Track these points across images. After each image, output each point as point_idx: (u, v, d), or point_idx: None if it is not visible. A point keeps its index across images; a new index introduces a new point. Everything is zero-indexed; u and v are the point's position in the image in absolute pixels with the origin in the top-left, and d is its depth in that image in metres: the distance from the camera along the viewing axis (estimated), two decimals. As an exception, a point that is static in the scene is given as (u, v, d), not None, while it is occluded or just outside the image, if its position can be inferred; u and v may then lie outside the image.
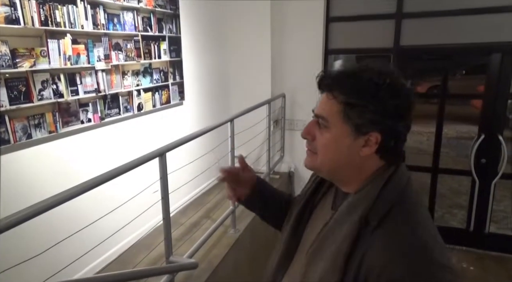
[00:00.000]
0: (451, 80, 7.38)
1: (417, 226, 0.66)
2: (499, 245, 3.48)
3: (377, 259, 0.63)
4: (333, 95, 0.71)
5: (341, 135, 0.71)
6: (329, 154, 0.73)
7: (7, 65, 1.71)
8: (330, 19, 3.67)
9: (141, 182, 2.11)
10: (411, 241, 0.64)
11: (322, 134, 0.73)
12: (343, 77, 0.72)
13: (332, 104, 0.71)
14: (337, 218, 0.73)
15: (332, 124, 0.72)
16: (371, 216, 0.67)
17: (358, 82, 0.70)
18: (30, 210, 1.16)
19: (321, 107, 0.74)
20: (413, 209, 0.69)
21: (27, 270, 1.34)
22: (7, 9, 1.68)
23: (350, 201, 0.72)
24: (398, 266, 0.61)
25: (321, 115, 0.73)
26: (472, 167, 3.40)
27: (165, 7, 2.82)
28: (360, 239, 0.66)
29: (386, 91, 0.68)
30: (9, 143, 1.74)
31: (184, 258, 2.02)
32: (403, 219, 0.67)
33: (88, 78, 2.18)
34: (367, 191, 0.70)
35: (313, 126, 0.75)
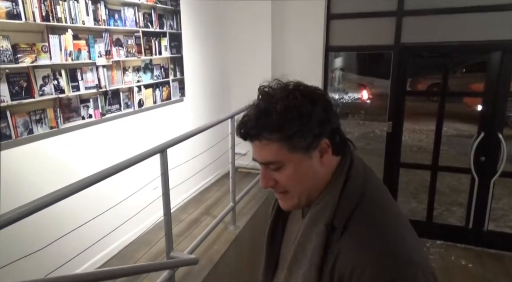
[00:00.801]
0: (451, 78, 7.43)
1: (382, 225, 0.66)
2: (498, 243, 3.50)
3: (346, 263, 0.64)
4: (265, 139, 0.70)
5: (298, 164, 0.71)
6: (298, 185, 0.73)
7: (9, 60, 1.71)
8: (331, 16, 3.66)
9: (141, 178, 2.11)
10: (376, 241, 0.64)
11: (282, 174, 0.72)
12: (262, 120, 0.69)
13: (271, 147, 0.70)
14: (304, 230, 0.73)
15: (283, 161, 0.71)
16: (336, 221, 0.67)
17: (277, 117, 0.68)
18: (31, 205, 1.17)
19: (263, 155, 0.72)
20: (376, 206, 0.70)
21: (30, 264, 1.35)
22: (8, 4, 1.68)
23: (313, 212, 0.72)
24: (366, 267, 0.61)
25: (269, 161, 0.71)
26: (472, 164, 3.41)
27: (166, 3, 2.81)
28: (330, 245, 0.67)
29: (305, 107, 0.68)
30: (10, 138, 1.74)
31: (184, 254, 2.03)
32: (367, 219, 0.67)
33: (89, 74, 2.18)
34: (328, 198, 0.71)
35: (268, 173, 0.73)
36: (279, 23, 3.74)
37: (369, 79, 11.33)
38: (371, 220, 0.67)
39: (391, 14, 3.43)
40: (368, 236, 0.65)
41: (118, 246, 2.45)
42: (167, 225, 1.90)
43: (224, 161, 2.99)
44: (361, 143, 6.66)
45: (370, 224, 0.66)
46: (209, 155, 2.95)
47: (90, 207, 1.87)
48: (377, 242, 0.63)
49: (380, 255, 0.62)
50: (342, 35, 3.73)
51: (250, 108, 0.73)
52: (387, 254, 0.62)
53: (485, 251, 3.48)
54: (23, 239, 1.72)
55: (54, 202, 1.24)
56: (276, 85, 0.73)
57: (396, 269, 0.61)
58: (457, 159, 5.58)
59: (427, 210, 3.75)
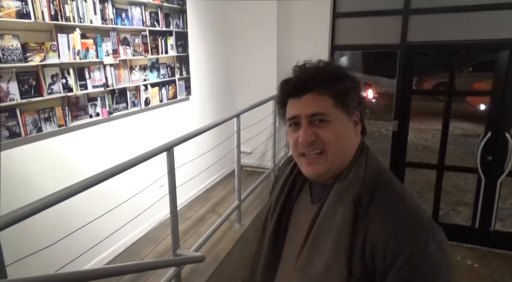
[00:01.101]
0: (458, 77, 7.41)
1: (403, 196, 0.73)
2: (504, 243, 3.47)
3: (378, 233, 0.68)
4: (320, 92, 0.74)
5: (343, 124, 0.75)
6: (337, 144, 0.75)
7: (18, 59, 1.73)
8: (337, 14, 3.65)
9: (148, 176, 2.13)
10: (403, 210, 0.70)
11: (325, 129, 0.74)
12: (319, 74, 0.75)
13: (323, 100, 0.74)
14: (329, 206, 0.75)
15: (331, 116, 0.74)
16: (362, 195, 0.71)
17: (336, 73, 0.76)
18: (41, 202, 1.19)
19: (313, 107, 0.74)
20: (392, 182, 0.76)
21: (39, 260, 1.37)
22: (18, 4, 1.70)
23: (340, 187, 0.75)
24: (399, 235, 0.66)
25: (319, 112, 0.74)
26: (478, 164, 3.38)
27: (172, 2, 2.83)
28: (358, 218, 0.70)
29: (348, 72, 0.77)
30: (20, 136, 1.77)
31: (191, 252, 2.05)
32: (390, 192, 0.73)
33: (97, 72, 2.20)
34: (354, 174, 0.74)
35: (311, 128, 0.75)
36: (285, 22, 3.74)
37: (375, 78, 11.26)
38: (392, 194, 0.73)
39: (397, 13, 3.41)
40: (394, 207, 0.70)
41: (125, 243, 2.47)
42: (174, 223, 1.91)
43: (230, 160, 3.00)
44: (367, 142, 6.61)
45: (392, 197, 0.72)
46: (214, 154, 2.96)
47: (97, 204, 1.89)
48: (403, 212, 0.70)
49: (409, 223, 0.68)
50: (347, 34, 3.71)
51: (297, 72, 0.79)
52: (414, 221, 0.68)
53: (492, 251, 3.45)
54: (32, 235, 1.74)
55: (63, 199, 1.26)
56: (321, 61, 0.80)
57: (425, 233, 0.67)
58: (463, 158, 5.55)
59: (433, 210, 3.73)
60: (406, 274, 0.65)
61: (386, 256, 0.66)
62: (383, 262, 0.66)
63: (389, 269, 0.66)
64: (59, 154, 2.03)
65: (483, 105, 7.34)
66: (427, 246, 0.65)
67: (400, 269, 0.65)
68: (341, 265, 0.68)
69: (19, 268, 1.22)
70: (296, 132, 0.76)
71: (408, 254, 0.65)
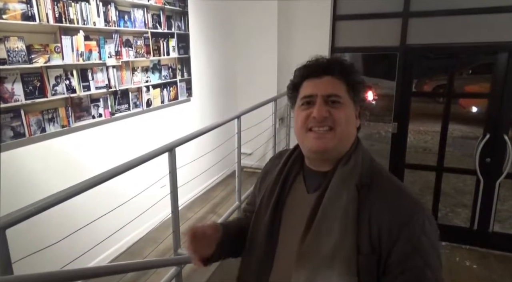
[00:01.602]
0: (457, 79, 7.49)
1: (395, 180, 0.82)
2: (503, 244, 3.49)
3: (382, 213, 0.75)
4: (338, 77, 0.83)
5: (350, 110, 0.83)
6: (347, 125, 0.82)
7: (23, 60, 1.76)
8: (337, 17, 3.68)
9: (149, 176, 2.15)
10: (400, 192, 0.79)
11: (339, 111, 0.81)
12: (338, 62, 0.85)
13: (340, 84, 0.82)
14: (332, 190, 0.79)
15: (344, 100, 0.82)
16: (363, 179, 0.79)
17: (350, 66, 0.85)
18: (45, 201, 1.21)
19: (330, 88, 0.82)
20: (384, 171, 0.84)
21: (42, 258, 1.39)
22: (23, 6, 1.73)
23: (341, 173, 0.81)
24: (401, 214, 0.74)
25: (335, 93, 0.82)
26: (477, 166, 3.40)
27: (174, 5, 2.86)
28: (361, 200, 0.77)
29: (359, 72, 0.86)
30: (24, 136, 1.80)
31: (191, 251, 2.06)
32: (384, 177, 0.81)
33: (100, 74, 2.23)
34: (353, 161, 0.81)
35: (325, 106, 0.81)
36: (285, 24, 3.77)
37: (375, 80, 11.29)
38: (387, 178, 0.81)
39: (397, 15, 3.44)
40: (392, 189, 0.79)
41: (126, 243, 2.49)
42: (175, 222, 1.94)
43: (230, 161, 3.02)
44: (366, 143, 6.61)
45: (387, 181, 0.81)
46: (215, 155, 2.99)
47: (100, 204, 1.91)
48: (400, 193, 0.78)
49: (407, 203, 0.76)
50: (347, 36, 3.74)
51: (313, 60, 0.89)
52: (411, 201, 0.77)
53: (490, 253, 3.47)
54: (36, 234, 1.77)
55: (67, 198, 1.28)
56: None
57: (421, 211, 0.75)
58: (462, 160, 5.57)
59: (432, 211, 3.75)
60: (409, 248, 0.72)
61: (391, 233, 0.73)
62: (388, 238, 0.73)
63: (394, 245, 0.73)
64: (62, 154, 2.06)
65: (475, 108, 7.55)
66: (424, 222, 0.74)
67: (404, 244, 0.72)
68: (350, 243, 0.73)
69: (24, 265, 1.24)
70: (308, 110, 0.83)
71: (410, 231, 0.72)
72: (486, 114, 3.46)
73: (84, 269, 1.28)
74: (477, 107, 7.67)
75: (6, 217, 1.07)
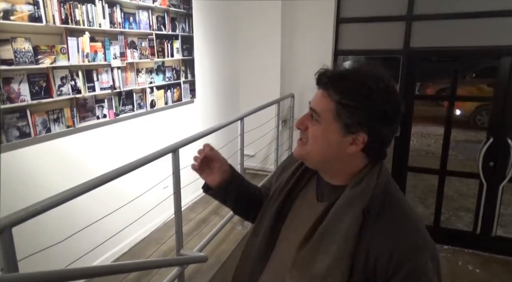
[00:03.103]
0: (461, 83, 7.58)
1: (409, 214, 0.75)
2: (506, 249, 3.47)
3: (383, 246, 0.70)
4: (328, 93, 0.75)
5: (330, 131, 0.76)
6: (317, 145, 0.78)
7: (30, 61, 1.78)
8: (340, 20, 3.69)
9: (153, 177, 2.17)
10: (408, 227, 0.73)
11: (313, 126, 0.78)
12: (339, 78, 0.76)
13: (326, 102, 0.76)
14: (338, 210, 0.76)
15: (323, 119, 0.76)
16: (372, 206, 0.73)
17: (352, 84, 0.74)
18: (51, 200, 1.22)
19: (316, 102, 0.78)
20: (399, 198, 0.77)
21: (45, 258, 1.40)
22: (30, 8, 1.75)
23: (350, 194, 0.76)
24: (403, 251, 0.70)
25: (315, 109, 0.78)
26: (480, 170, 3.39)
27: (179, 7, 2.88)
28: (364, 228, 0.72)
29: (377, 96, 0.72)
30: (30, 136, 1.82)
31: (194, 252, 2.07)
32: (397, 208, 0.75)
33: (104, 75, 2.25)
34: (365, 184, 0.75)
35: (307, 118, 0.80)
36: (289, 27, 3.79)
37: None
38: (399, 210, 0.75)
39: (401, 19, 3.45)
40: (400, 223, 0.73)
41: (129, 243, 2.50)
42: (178, 223, 1.95)
43: (233, 162, 3.01)
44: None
45: (399, 213, 0.74)
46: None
47: (103, 204, 1.92)
48: (408, 229, 0.72)
49: (412, 240, 0.71)
50: (351, 39, 3.75)
51: (344, 65, 0.81)
52: (418, 239, 0.71)
53: (493, 257, 3.46)
54: (41, 233, 1.78)
55: (72, 197, 1.29)
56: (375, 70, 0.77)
57: (426, 251, 0.70)
58: (465, 164, 5.55)
59: (435, 215, 3.74)
60: None
61: (388, 269, 0.69)
62: (385, 274, 0.70)
63: (389, 280, 0.70)
64: (67, 154, 2.07)
65: (459, 111, 7.75)
66: (427, 263, 0.69)
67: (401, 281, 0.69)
68: (343, 269, 0.71)
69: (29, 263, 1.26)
70: None
71: (409, 270, 0.69)
72: (489, 118, 3.45)
73: (87, 268, 1.29)
74: (460, 110, 7.90)
75: (13, 215, 1.08)
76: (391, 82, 0.76)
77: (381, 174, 0.77)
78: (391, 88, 0.75)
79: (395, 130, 0.77)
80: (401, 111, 0.77)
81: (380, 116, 0.73)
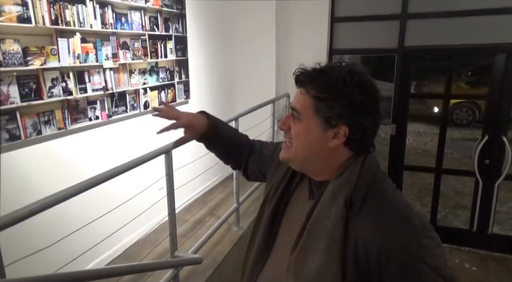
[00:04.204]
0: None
1: (395, 200, 0.74)
2: (502, 246, 3.48)
3: (370, 237, 0.69)
4: (306, 90, 0.77)
5: (311, 127, 0.77)
6: (300, 143, 0.79)
7: (19, 63, 1.75)
8: (335, 19, 3.69)
9: (147, 179, 2.15)
10: (394, 214, 0.71)
11: (295, 125, 0.79)
12: (315, 74, 0.77)
13: (305, 99, 0.77)
14: (323, 205, 0.76)
15: (304, 116, 0.77)
16: (354, 197, 0.72)
17: (328, 79, 0.75)
18: (39, 204, 1.20)
19: (296, 101, 0.80)
20: (386, 187, 0.76)
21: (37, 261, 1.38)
22: (19, 9, 1.73)
23: (332, 187, 0.76)
24: (392, 239, 0.68)
25: (295, 107, 0.79)
26: (476, 167, 3.40)
27: (172, 7, 2.86)
28: (349, 220, 0.71)
29: (353, 88, 0.73)
30: (20, 139, 1.79)
31: (189, 253, 2.06)
32: (382, 196, 0.74)
33: (96, 76, 2.22)
34: (347, 175, 0.75)
35: (289, 119, 0.81)
36: (284, 26, 3.78)
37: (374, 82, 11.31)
38: (384, 197, 0.74)
39: (395, 17, 3.45)
40: (385, 211, 0.71)
41: (123, 246, 2.48)
42: (172, 225, 1.93)
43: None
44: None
45: (383, 200, 0.73)
46: (213, 156, 2.96)
47: (97, 207, 1.90)
48: (395, 216, 0.71)
49: (401, 227, 0.69)
50: (346, 38, 3.75)
51: (317, 65, 0.81)
52: (406, 225, 0.69)
53: (490, 254, 3.47)
54: (32, 237, 1.75)
55: (61, 201, 1.27)
56: (351, 66, 0.78)
57: (418, 236, 0.69)
58: (461, 162, 5.57)
59: (431, 213, 3.74)
60: (402, 277, 0.67)
61: (380, 261, 0.68)
62: (378, 266, 0.68)
63: (384, 274, 0.68)
64: (59, 156, 2.05)
65: (436, 108, 7.95)
66: (421, 248, 0.67)
67: (396, 273, 0.67)
68: (335, 267, 0.69)
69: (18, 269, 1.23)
70: None
71: (402, 259, 0.67)
72: (485, 116, 3.46)
73: (79, 272, 1.27)
74: (438, 107, 7.98)
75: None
76: (367, 76, 0.77)
77: (365, 165, 0.76)
78: (367, 81, 0.76)
79: (376, 122, 0.77)
80: (379, 102, 0.77)
81: (358, 108, 0.73)
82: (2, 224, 1.06)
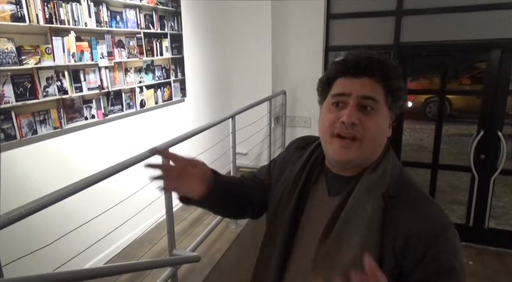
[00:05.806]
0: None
1: (425, 193, 0.77)
2: (498, 240, 3.51)
3: (410, 226, 0.70)
4: (376, 80, 0.74)
5: (385, 118, 0.76)
6: (374, 135, 0.75)
7: (13, 62, 1.74)
8: (331, 16, 3.69)
9: (144, 177, 2.14)
10: (430, 205, 0.74)
11: (371, 119, 0.73)
12: (379, 63, 0.75)
13: (377, 88, 0.75)
14: (358, 197, 0.75)
15: (380, 107, 0.75)
16: (392, 188, 0.74)
17: (394, 68, 0.76)
18: (36, 203, 1.20)
19: (367, 90, 0.74)
20: (414, 181, 0.79)
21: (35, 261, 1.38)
22: (13, 7, 1.71)
23: (369, 180, 0.76)
24: (431, 228, 0.70)
25: (372, 97, 0.74)
26: (472, 163, 3.42)
27: (167, 5, 2.85)
28: (387, 211, 0.72)
29: (401, 76, 0.77)
30: (15, 139, 1.78)
31: (187, 252, 2.06)
32: (414, 188, 0.76)
33: (92, 75, 2.21)
34: (383, 168, 0.76)
35: (357, 112, 0.73)
36: (279, 24, 3.77)
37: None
38: (417, 189, 0.76)
39: (391, 14, 3.45)
40: (422, 202, 0.74)
41: (121, 244, 2.47)
42: (169, 223, 1.93)
43: (225, 161, 3.01)
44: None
45: (417, 193, 0.76)
46: (210, 155, 2.97)
47: (94, 206, 1.89)
48: (431, 207, 0.73)
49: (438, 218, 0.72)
50: (341, 35, 3.75)
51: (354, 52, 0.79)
52: (442, 216, 0.73)
53: (486, 249, 3.49)
54: (29, 236, 1.75)
55: (58, 200, 1.27)
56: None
57: (452, 228, 0.72)
58: (457, 157, 5.60)
59: (428, 208, 3.76)
60: (437, 265, 0.68)
61: (418, 248, 0.69)
62: (414, 254, 0.69)
63: (420, 262, 0.69)
64: (55, 156, 2.04)
65: (410, 103, 8.15)
66: (454, 240, 0.71)
67: (432, 261, 0.68)
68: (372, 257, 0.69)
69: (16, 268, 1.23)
70: (337, 112, 0.75)
71: (439, 248, 0.69)
72: (480, 111, 3.48)
73: (77, 271, 1.27)
74: (412, 102, 8.27)
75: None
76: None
77: (394, 159, 0.79)
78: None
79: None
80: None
81: (403, 94, 0.77)
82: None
